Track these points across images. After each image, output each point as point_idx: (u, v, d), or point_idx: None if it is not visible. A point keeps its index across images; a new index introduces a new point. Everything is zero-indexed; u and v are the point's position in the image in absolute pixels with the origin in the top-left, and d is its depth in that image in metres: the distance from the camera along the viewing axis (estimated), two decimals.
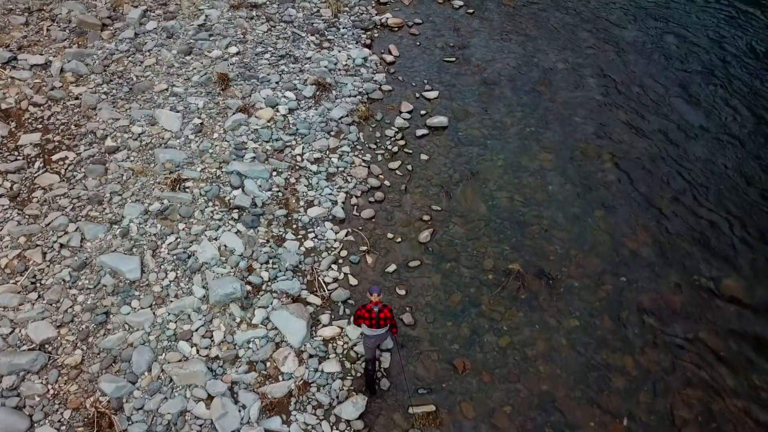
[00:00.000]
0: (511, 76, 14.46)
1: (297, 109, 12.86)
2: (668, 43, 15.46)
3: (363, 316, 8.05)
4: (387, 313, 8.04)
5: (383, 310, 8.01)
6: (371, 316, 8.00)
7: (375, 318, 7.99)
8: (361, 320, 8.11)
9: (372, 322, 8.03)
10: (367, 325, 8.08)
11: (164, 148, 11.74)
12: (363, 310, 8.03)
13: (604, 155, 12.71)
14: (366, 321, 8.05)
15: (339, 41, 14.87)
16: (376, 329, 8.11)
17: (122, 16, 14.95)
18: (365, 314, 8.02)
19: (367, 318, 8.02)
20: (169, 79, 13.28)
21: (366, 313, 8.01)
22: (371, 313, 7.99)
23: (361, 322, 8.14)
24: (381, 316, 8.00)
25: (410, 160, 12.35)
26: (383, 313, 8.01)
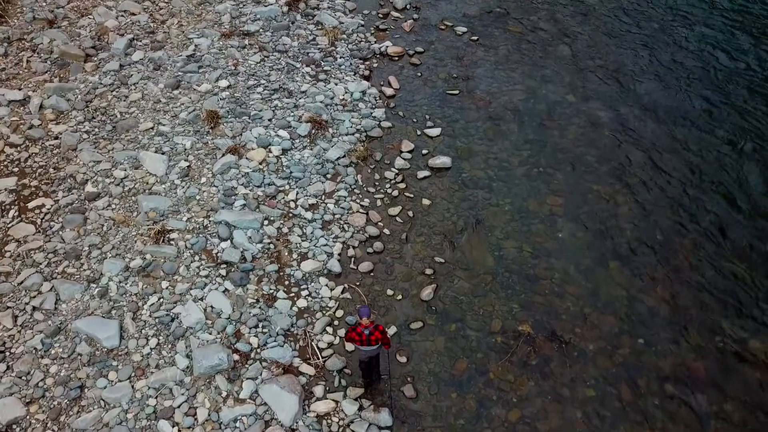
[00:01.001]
0: (518, 110, 13.85)
1: (291, 149, 12.25)
2: (686, 72, 14.84)
3: (354, 339, 8.20)
4: (378, 335, 8.12)
5: (374, 333, 8.07)
6: (362, 339, 8.11)
7: (366, 340, 8.11)
8: (353, 342, 8.27)
9: (363, 344, 8.18)
10: (358, 345, 8.25)
11: (148, 195, 11.12)
12: (353, 333, 8.13)
13: (618, 198, 12.09)
14: (357, 342, 8.20)
15: (336, 72, 14.26)
16: (368, 347, 8.24)
17: (107, 45, 14.36)
18: (356, 337, 8.14)
19: (358, 340, 8.16)
20: (156, 116, 12.67)
21: (357, 336, 8.12)
22: (362, 336, 8.08)
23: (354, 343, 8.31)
24: (372, 338, 8.10)
25: (411, 205, 11.72)
26: (374, 335, 8.09)
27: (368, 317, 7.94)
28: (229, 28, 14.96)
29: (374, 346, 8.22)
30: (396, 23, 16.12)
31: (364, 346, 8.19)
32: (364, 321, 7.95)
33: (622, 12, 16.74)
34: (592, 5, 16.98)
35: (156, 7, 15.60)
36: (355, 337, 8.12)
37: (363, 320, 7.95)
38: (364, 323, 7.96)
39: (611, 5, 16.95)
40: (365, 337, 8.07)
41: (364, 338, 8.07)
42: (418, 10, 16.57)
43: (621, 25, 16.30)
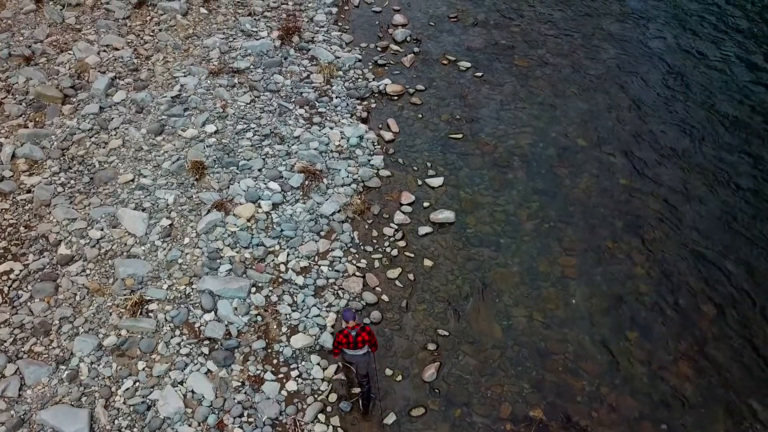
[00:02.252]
0: (525, 156, 13.13)
1: (282, 204, 11.50)
2: (707, 112, 14.12)
3: (342, 342, 8.26)
4: (365, 335, 8.25)
5: (361, 333, 8.21)
6: (349, 341, 8.20)
7: (353, 342, 8.20)
8: (341, 346, 8.32)
9: (350, 346, 8.25)
10: (347, 349, 8.32)
11: (126, 258, 10.37)
12: (341, 336, 8.22)
13: (635, 256, 11.36)
14: (344, 345, 8.28)
15: (331, 114, 13.54)
16: (356, 350, 8.31)
17: (87, 84, 13.63)
18: (343, 339, 8.22)
19: (345, 343, 8.23)
20: (137, 165, 11.93)
21: (344, 338, 8.20)
22: (348, 337, 8.18)
23: (342, 347, 8.35)
24: (359, 339, 8.20)
25: (412, 266, 10.98)
26: (361, 336, 8.21)
27: (353, 320, 8.11)
28: (217, 65, 14.25)
29: (361, 349, 8.30)
30: (395, 57, 15.43)
31: (351, 349, 8.26)
32: (350, 324, 8.09)
33: (635, 44, 16.06)
34: (604, 36, 16.30)
35: (140, 41, 14.89)
36: (343, 339, 8.19)
37: (349, 323, 8.09)
38: (350, 325, 8.09)
39: (623, 37, 16.26)
40: (352, 339, 8.16)
41: (351, 339, 8.16)
42: (419, 43, 15.88)
43: (634, 58, 15.62)
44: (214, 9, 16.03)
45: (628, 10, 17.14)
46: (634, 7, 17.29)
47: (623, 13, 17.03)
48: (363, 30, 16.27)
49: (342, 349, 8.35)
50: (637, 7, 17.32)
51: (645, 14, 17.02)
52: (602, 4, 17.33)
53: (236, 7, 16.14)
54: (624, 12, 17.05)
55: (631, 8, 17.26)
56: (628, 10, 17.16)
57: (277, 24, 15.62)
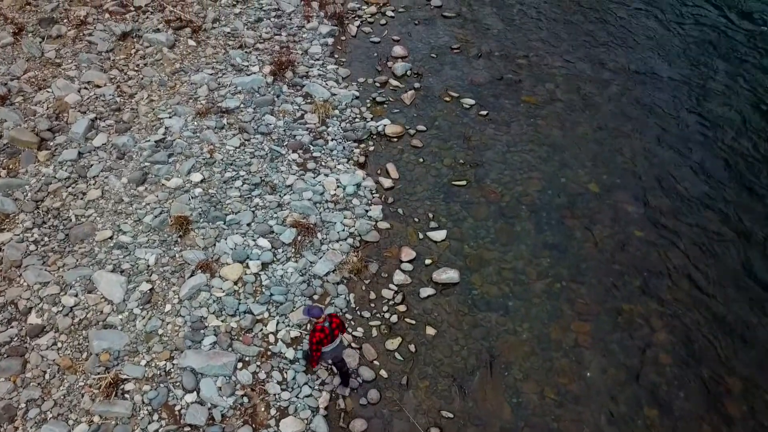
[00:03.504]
0: (534, 205, 12.42)
1: (272, 263, 10.78)
2: (728, 153, 13.41)
3: (321, 340, 8.19)
4: (336, 320, 8.40)
5: (332, 321, 8.33)
6: (326, 333, 8.22)
7: (330, 333, 8.27)
8: (321, 345, 8.25)
9: (328, 339, 8.29)
10: (326, 343, 8.31)
11: (101, 329, 9.66)
12: (318, 333, 8.16)
13: (654, 321, 10.65)
14: (326, 339, 8.23)
15: (326, 159, 12.83)
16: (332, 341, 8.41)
17: (66, 126, 12.91)
18: (321, 335, 8.17)
19: (324, 336, 8.21)
20: (116, 220, 11.22)
21: (321, 334, 8.17)
22: (325, 330, 8.19)
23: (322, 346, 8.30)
24: (333, 326, 8.34)
25: (413, 335, 10.25)
26: (334, 323, 8.34)
27: (321, 312, 8.21)
28: (205, 104, 13.54)
29: (338, 338, 8.44)
30: (395, 94, 14.72)
31: (329, 343, 8.29)
32: (321, 318, 8.13)
33: (649, 77, 15.36)
34: (616, 69, 15.62)
35: (124, 76, 14.19)
36: (321, 335, 8.12)
37: (320, 318, 8.13)
38: (321, 319, 8.13)
39: (636, 70, 15.58)
40: (328, 331, 8.21)
41: (327, 332, 8.18)
42: (420, 78, 15.18)
43: (649, 93, 14.93)
44: (203, 41, 15.34)
45: (641, 40, 16.45)
46: (648, 36, 16.59)
47: (636, 43, 16.35)
48: (361, 63, 15.58)
49: (321, 349, 8.30)
50: (651, 36, 16.61)
51: (660, 44, 16.33)
52: (614, 34, 16.66)
53: (226, 38, 15.44)
54: (637, 42, 16.37)
55: (645, 37, 16.56)
56: (641, 39, 16.47)
57: (269, 57, 14.92)
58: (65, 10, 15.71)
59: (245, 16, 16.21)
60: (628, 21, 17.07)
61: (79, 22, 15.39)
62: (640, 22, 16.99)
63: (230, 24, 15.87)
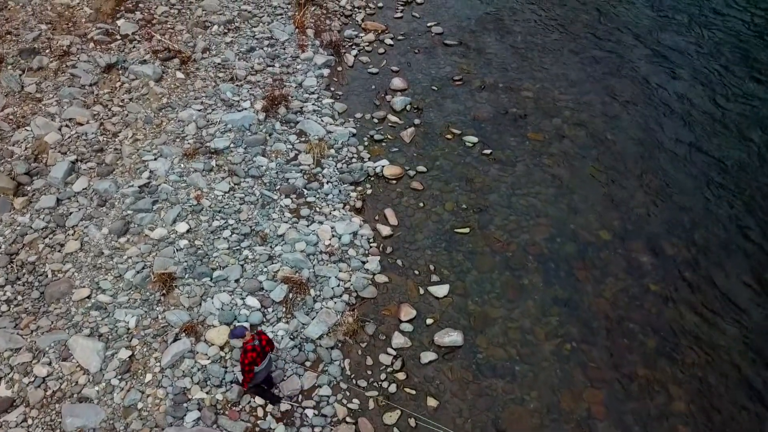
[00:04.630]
0: (542, 255, 11.79)
1: (261, 325, 10.15)
2: (748, 198, 12.79)
3: (254, 359, 8.08)
4: (264, 337, 8.35)
5: (261, 338, 8.23)
6: (259, 351, 8.13)
7: (262, 350, 8.20)
8: (254, 365, 8.14)
9: (260, 357, 8.19)
10: (259, 362, 8.23)
11: (75, 404, 9.03)
12: (251, 353, 8.02)
13: (672, 387, 10.02)
14: (258, 358, 8.15)
15: (321, 205, 12.21)
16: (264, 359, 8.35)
17: (45, 169, 12.30)
18: (254, 354, 8.06)
19: (257, 355, 8.11)
20: (95, 276, 10.59)
21: (253, 353, 8.05)
22: (257, 349, 8.10)
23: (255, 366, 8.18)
24: (263, 344, 8.24)
25: (414, 406, 9.61)
26: (263, 340, 8.26)
27: (248, 331, 8.07)
28: (193, 144, 12.92)
29: (268, 354, 8.42)
30: (394, 131, 14.11)
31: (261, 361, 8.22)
32: (247, 336, 8.02)
33: (661, 110, 14.74)
34: (625, 101, 15.01)
35: (108, 112, 13.58)
36: (254, 355, 8.04)
37: (245, 336, 8.01)
38: (248, 338, 8.03)
39: (647, 101, 14.98)
40: (260, 348, 8.14)
41: (259, 350, 8.13)
42: (420, 113, 14.57)
43: (662, 128, 14.31)
44: (192, 72, 14.73)
45: (653, 70, 15.83)
46: (660, 66, 15.96)
47: (648, 73, 15.73)
48: (358, 96, 14.98)
49: (255, 369, 8.18)
50: (664, 66, 15.98)
51: (673, 74, 15.69)
52: (624, 64, 16.06)
53: (216, 70, 14.84)
54: (649, 72, 15.76)
55: (657, 67, 15.94)
56: (652, 69, 15.85)
57: (261, 91, 14.31)
58: (48, 39, 15.11)
59: (237, 46, 15.62)
60: (639, 50, 16.47)
61: (62, 53, 14.79)
62: (652, 52, 16.39)
63: (221, 54, 15.28)
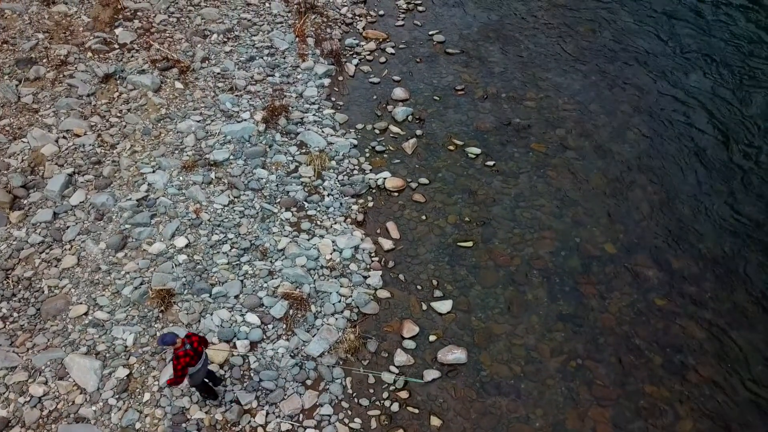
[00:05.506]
0: (546, 270, 11.69)
1: (261, 342, 10.04)
2: (755, 209, 12.69)
3: (188, 363, 7.99)
4: (195, 338, 8.20)
5: (193, 341, 8.12)
6: (192, 355, 8.04)
7: (195, 352, 8.11)
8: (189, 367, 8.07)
9: (195, 359, 8.11)
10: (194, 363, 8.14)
11: (72, 424, 8.92)
12: (183, 359, 7.93)
13: (678, 406, 9.90)
14: (192, 361, 8.06)
15: (322, 218, 12.11)
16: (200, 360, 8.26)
17: (42, 181, 12.20)
18: (188, 359, 7.97)
19: (191, 358, 8.02)
20: (92, 292, 10.49)
21: (188, 358, 7.97)
22: (189, 353, 7.99)
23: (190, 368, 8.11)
24: (195, 346, 8.12)
25: (416, 426, 9.50)
26: (194, 342, 8.13)
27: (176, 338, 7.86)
28: (192, 156, 12.82)
29: (203, 353, 8.32)
30: (396, 142, 14.02)
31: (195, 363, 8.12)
32: (178, 342, 7.88)
33: (667, 119, 14.65)
34: (631, 111, 14.92)
35: (106, 123, 13.48)
36: (187, 359, 7.94)
37: (177, 342, 7.86)
38: (179, 344, 7.89)
39: (654, 111, 14.88)
40: (193, 351, 8.04)
41: (192, 353, 8.03)
42: (422, 123, 14.48)
43: (668, 138, 14.21)
44: (191, 82, 14.64)
45: (659, 79, 15.74)
46: (666, 76, 15.88)
47: (653, 83, 15.65)
48: (359, 106, 14.89)
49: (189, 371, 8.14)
50: (670, 75, 15.89)
51: (679, 83, 15.60)
52: (629, 73, 15.97)
53: (216, 79, 14.75)
54: (654, 82, 15.67)
55: (662, 76, 15.85)
56: (658, 78, 15.76)
57: (261, 102, 14.22)
58: (45, 49, 15.01)
59: (236, 55, 15.53)
60: (643, 59, 16.39)
61: (60, 62, 14.70)
62: (656, 61, 16.31)
63: (220, 63, 15.19)
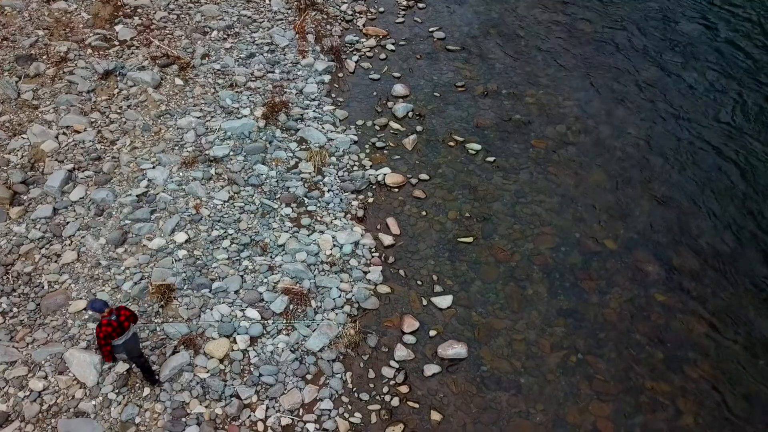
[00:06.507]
0: (547, 265, 11.71)
1: (261, 337, 10.07)
2: (758, 206, 12.73)
3: (109, 334, 8.03)
4: (126, 312, 8.25)
5: (120, 313, 8.15)
6: (115, 326, 8.07)
7: (119, 325, 8.13)
8: (110, 339, 8.09)
9: (118, 331, 8.13)
10: (116, 336, 8.15)
11: (72, 418, 8.93)
12: (106, 327, 7.98)
13: (679, 401, 9.94)
14: (114, 333, 8.07)
15: (322, 213, 12.14)
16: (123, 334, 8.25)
17: (42, 177, 12.23)
18: (109, 329, 8.02)
19: (113, 329, 8.05)
20: (92, 287, 10.51)
21: (108, 328, 8.01)
22: (113, 324, 8.04)
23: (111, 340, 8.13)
24: (122, 319, 8.16)
25: (417, 420, 9.52)
26: (122, 315, 8.16)
27: (107, 307, 8.01)
28: (192, 152, 12.86)
29: (129, 329, 8.29)
30: (396, 138, 14.05)
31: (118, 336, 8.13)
32: (105, 312, 7.97)
33: (669, 116, 14.67)
34: (631, 108, 14.95)
35: (106, 120, 13.51)
36: (109, 329, 8.00)
37: (104, 312, 7.97)
38: (106, 313, 7.98)
39: (656, 107, 14.90)
40: (117, 323, 8.08)
41: (116, 325, 8.05)
42: (422, 119, 14.51)
43: (669, 135, 14.24)
44: (191, 79, 14.68)
45: (659, 75, 15.77)
46: (667, 71, 15.90)
47: (654, 78, 15.68)
48: (359, 102, 14.92)
49: (111, 343, 8.17)
50: (670, 70, 15.91)
51: (680, 78, 15.63)
52: (630, 69, 16.00)
53: (216, 76, 14.78)
54: (655, 77, 15.70)
55: (663, 71, 15.88)
56: (659, 74, 15.79)
57: (261, 98, 14.26)
58: (45, 46, 15.04)
59: (236, 51, 15.57)
60: (644, 56, 16.43)
61: (60, 59, 14.73)
62: (657, 57, 16.34)
63: (220, 60, 15.23)
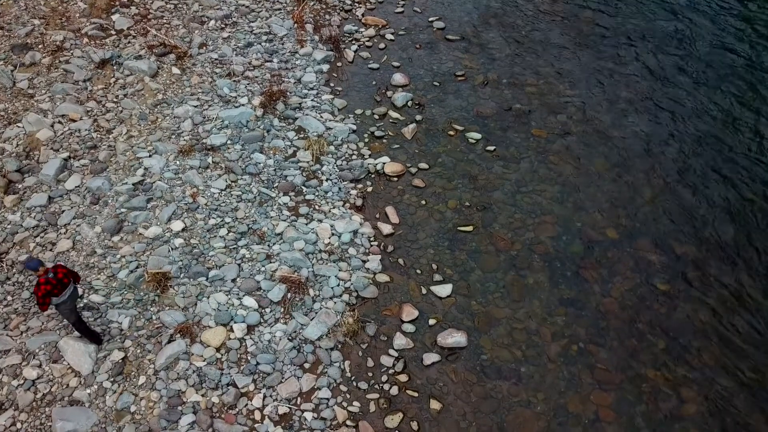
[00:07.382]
0: (548, 254, 11.60)
1: (259, 325, 9.96)
2: (760, 194, 12.61)
3: (49, 291, 8.17)
4: (63, 270, 8.33)
5: (58, 271, 8.25)
6: (55, 284, 8.21)
7: (59, 282, 8.26)
8: (50, 297, 8.25)
9: (57, 289, 8.27)
10: (56, 294, 8.30)
11: (66, 407, 8.82)
12: (45, 286, 8.11)
13: (682, 390, 9.83)
14: (55, 290, 8.22)
15: (320, 202, 12.02)
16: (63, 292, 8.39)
17: (37, 166, 12.11)
18: (49, 287, 8.16)
19: (53, 287, 8.19)
20: (87, 276, 10.40)
21: (48, 286, 8.15)
22: (51, 281, 8.17)
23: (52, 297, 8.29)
24: (60, 277, 8.28)
25: (416, 409, 9.41)
26: (60, 273, 8.27)
27: (42, 265, 8.09)
28: (189, 141, 12.74)
29: (69, 286, 8.40)
30: (395, 127, 13.93)
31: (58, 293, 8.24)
32: (41, 270, 8.07)
33: (670, 106, 14.54)
34: (632, 98, 14.82)
35: (102, 108, 13.39)
36: (48, 287, 8.11)
37: (39, 270, 8.08)
38: (41, 272, 8.08)
39: (657, 97, 14.78)
40: (56, 281, 8.19)
41: (55, 282, 8.17)
42: (422, 109, 14.38)
43: (670, 125, 14.13)
44: (188, 68, 14.55)
45: (661, 65, 15.64)
46: (669, 62, 15.78)
47: (656, 69, 15.55)
48: (358, 92, 14.79)
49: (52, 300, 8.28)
50: (672, 61, 15.79)
51: (681, 69, 15.51)
52: (632, 59, 15.87)
53: (213, 65, 14.66)
54: (656, 68, 15.57)
55: (665, 62, 15.75)
56: (660, 65, 15.66)
57: (259, 87, 14.14)
58: (41, 35, 14.92)
59: (234, 41, 15.44)
60: (646, 44, 16.29)
61: (55, 48, 14.61)
62: (659, 46, 16.21)
63: (218, 49, 15.11)
